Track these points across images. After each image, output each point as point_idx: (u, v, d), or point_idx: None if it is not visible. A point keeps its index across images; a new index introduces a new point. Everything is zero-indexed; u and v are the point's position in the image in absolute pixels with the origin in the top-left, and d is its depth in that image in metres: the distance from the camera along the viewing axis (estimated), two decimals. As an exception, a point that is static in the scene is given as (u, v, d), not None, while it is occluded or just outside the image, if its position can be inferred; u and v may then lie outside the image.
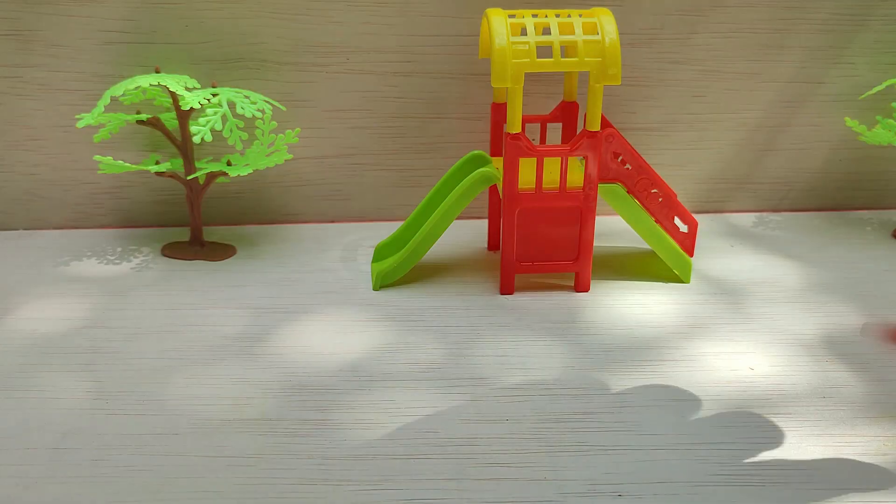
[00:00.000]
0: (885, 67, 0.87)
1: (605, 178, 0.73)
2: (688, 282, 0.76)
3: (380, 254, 0.78)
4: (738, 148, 0.89)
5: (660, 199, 0.75)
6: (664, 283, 0.76)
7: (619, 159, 0.73)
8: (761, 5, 0.83)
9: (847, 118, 0.87)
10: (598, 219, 0.81)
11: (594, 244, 0.74)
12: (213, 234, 0.85)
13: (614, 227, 0.84)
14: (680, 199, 0.91)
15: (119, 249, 0.83)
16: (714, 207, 0.91)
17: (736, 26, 0.84)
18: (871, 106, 0.88)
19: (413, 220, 0.78)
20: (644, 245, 0.81)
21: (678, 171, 0.89)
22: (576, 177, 0.73)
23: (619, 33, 0.83)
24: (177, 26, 0.80)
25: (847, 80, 0.87)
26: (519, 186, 0.71)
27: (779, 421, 0.58)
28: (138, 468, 0.53)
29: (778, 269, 0.79)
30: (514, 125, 0.69)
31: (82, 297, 0.73)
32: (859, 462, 0.54)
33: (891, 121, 0.83)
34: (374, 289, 0.75)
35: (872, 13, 0.84)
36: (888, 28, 0.85)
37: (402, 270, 0.75)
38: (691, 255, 0.77)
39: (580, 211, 0.72)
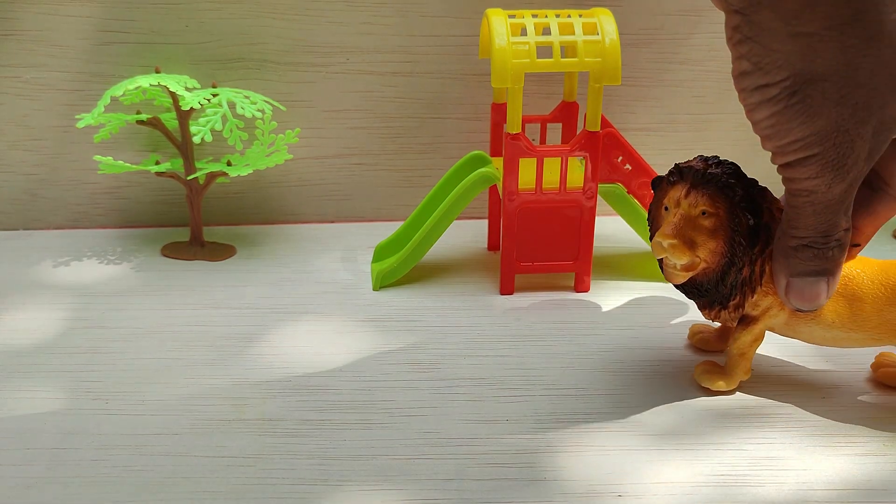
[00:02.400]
0: (884, 67, 0.87)
1: (605, 179, 0.73)
2: (687, 282, 0.76)
3: (380, 254, 0.78)
4: (737, 148, 0.89)
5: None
6: (664, 284, 0.76)
7: (619, 159, 0.73)
8: (761, 5, 0.83)
9: (847, 118, 0.87)
10: (598, 219, 0.81)
11: (594, 244, 0.74)
12: (213, 234, 0.85)
13: (614, 227, 0.84)
14: (680, 199, 0.91)
15: (119, 249, 0.83)
16: (714, 207, 0.91)
17: (736, 26, 0.84)
18: (870, 106, 0.88)
19: (413, 220, 0.78)
20: (644, 245, 0.81)
21: (678, 172, 0.89)
22: (576, 177, 0.73)
23: (619, 33, 0.83)
24: (177, 26, 0.80)
25: (847, 80, 0.87)
26: (519, 186, 0.71)
27: (779, 421, 0.58)
28: (138, 468, 0.53)
29: (778, 269, 0.79)
30: (514, 125, 0.69)
31: (82, 297, 0.73)
32: (859, 462, 0.54)
33: (891, 121, 0.83)
34: (374, 289, 0.75)
35: (872, 13, 0.84)
36: (888, 28, 0.85)
37: (402, 270, 0.75)
38: (691, 255, 0.76)
39: (580, 211, 0.72)
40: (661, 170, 0.88)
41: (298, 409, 0.59)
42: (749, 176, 0.58)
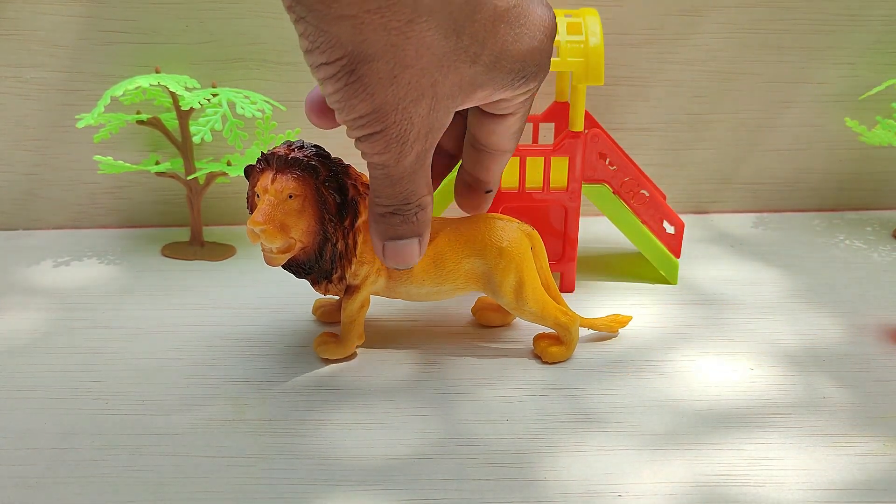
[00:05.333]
0: (885, 67, 0.87)
1: (591, 179, 0.72)
2: (675, 283, 0.76)
3: (380, 254, 0.78)
4: (737, 148, 0.89)
5: (646, 196, 0.74)
6: (650, 284, 0.76)
7: (607, 161, 0.72)
8: (761, 5, 0.83)
9: (847, 118, 0.87)
10: (584, 220, 0.81)
11: (581, 245, 0.74)
12: (213, 234, 0.85)
13: (601, 229, 0.84)
14: (679, 199, 0.91)
15: (119, 249, 0.83)
16: (713, 208, 0.91)
17: (736, 26, 0.84)
18: (871, 106, 0.88)
19: (413, 220, 0.77)
20: (630, 246, 0.81)
21: (677, 172, 0.89)
22: (560, 177, 0.73)
23: (620, 33, 0.83)
24: (177, 26, 0.80)
25: (847, 80, 0.87)
26: (502, 186, 0.71)
27: (778, 421, 0.58)
28: (138, 468, 0.53)
29: (777, 269, 0.79)
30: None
31: (82, 297, 0.73)
32: (859, 462, 0.54)
33: (891, 121, 0.83)
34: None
35: (872, 13, 0.85)
36: (888, 28, 0.85)
37: (402, 270, 0.75)
38: (678, 256, 0.76)
39: (564, 211, 0.72)
40: (658, 169, 0.88)
41: (298, 409, 0.59)
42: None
